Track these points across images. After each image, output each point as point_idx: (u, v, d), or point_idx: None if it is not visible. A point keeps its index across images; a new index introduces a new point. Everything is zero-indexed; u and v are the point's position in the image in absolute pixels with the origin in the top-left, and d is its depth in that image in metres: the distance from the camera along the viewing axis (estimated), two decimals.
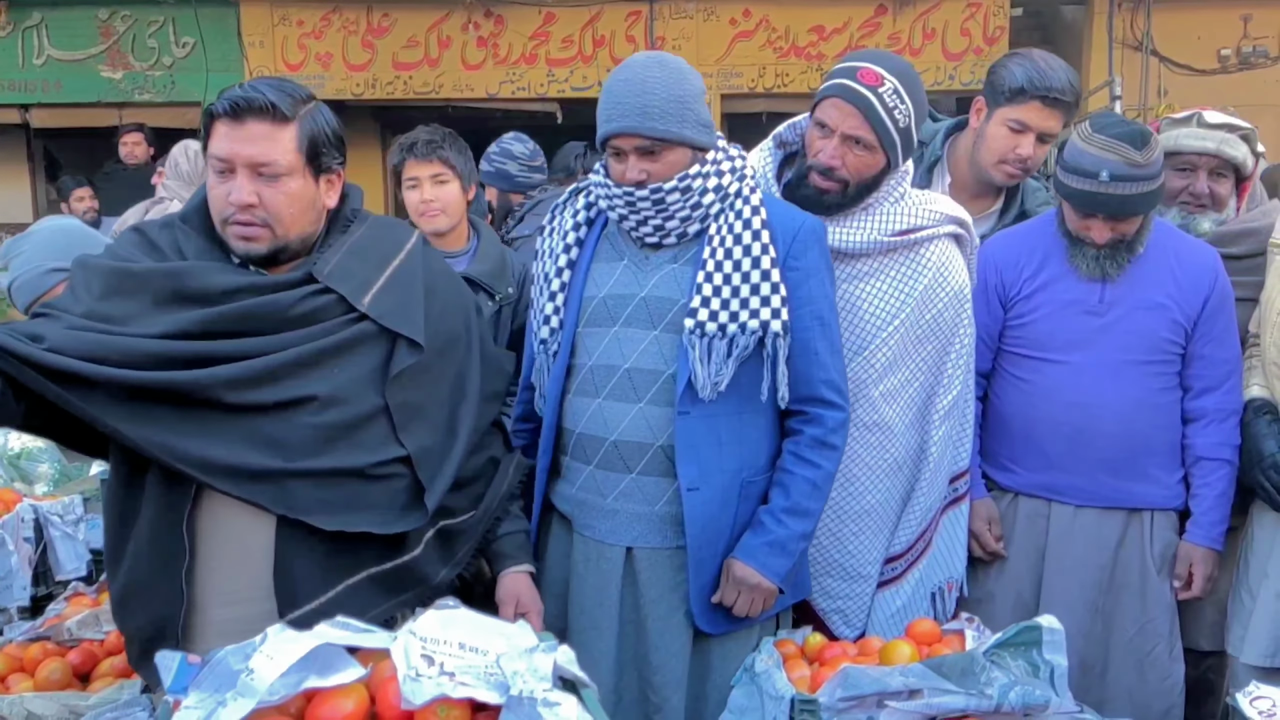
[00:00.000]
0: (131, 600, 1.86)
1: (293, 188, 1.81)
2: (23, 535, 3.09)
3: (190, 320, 1.77)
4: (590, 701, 1.36)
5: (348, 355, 1.86)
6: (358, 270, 1.89)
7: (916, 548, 2.43)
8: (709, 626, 2.13)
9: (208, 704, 1.32)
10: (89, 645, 2.35)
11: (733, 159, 2.14)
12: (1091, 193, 2.37)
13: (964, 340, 2.39)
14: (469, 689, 1.32)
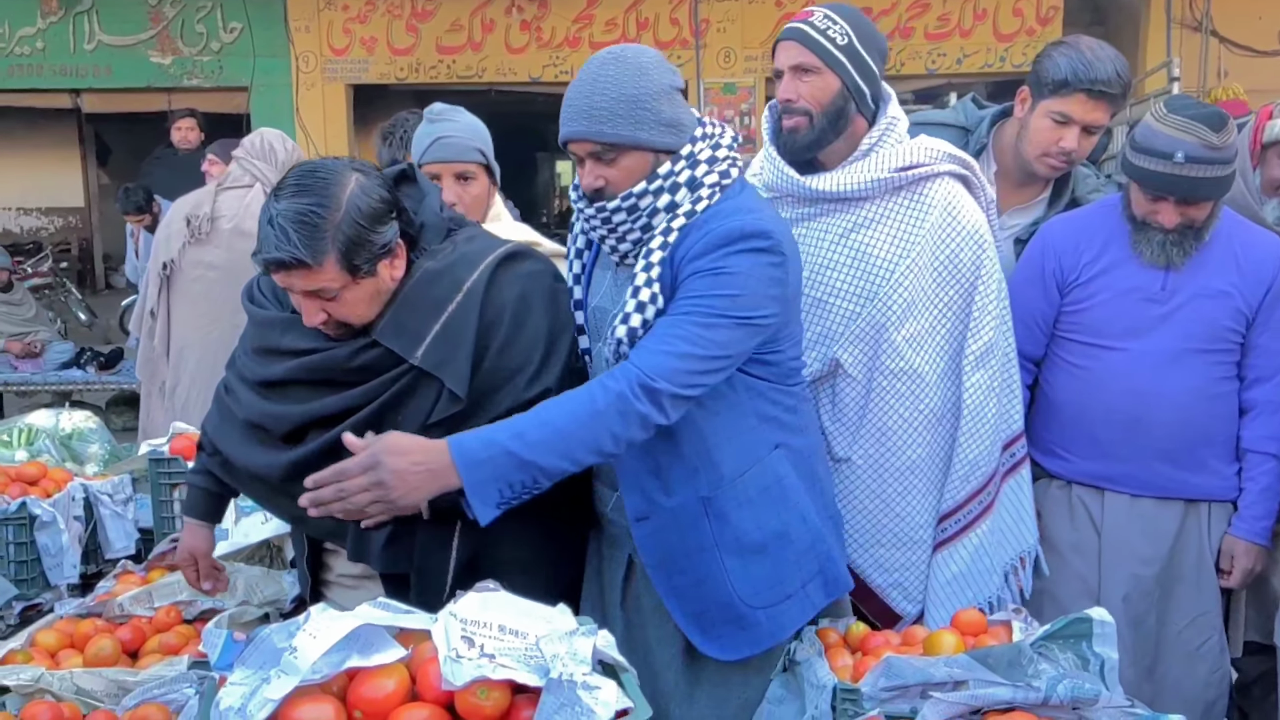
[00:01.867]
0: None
1: (353, 296, 1.88)
2: (73, 514, 3.14)
3: (276, 374, 2.01)
4: (630, 686, 1.36)
5: (410, 402, 1.93)
6: (409, 323, 1.93)
7: (970, 508, 2.34)
8: (714, 652, 2.03)
9: (252, 680, 1.33)
10: (138, 622, 2.37)
11: (696, 164, 1.93)
12: (1165, 174, 2.31)
13: (990, 285, 2.31)
14: (509, 671, 1.32)
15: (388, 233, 1.88)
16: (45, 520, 2.99)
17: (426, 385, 1.93)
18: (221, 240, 3.83)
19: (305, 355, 1.97)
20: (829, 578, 2.07)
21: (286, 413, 1.99)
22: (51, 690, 2.03)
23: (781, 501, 2.00)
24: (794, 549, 2.01)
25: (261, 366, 2.03)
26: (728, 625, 2.00)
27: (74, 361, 7.37)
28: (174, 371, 3.90)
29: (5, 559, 2.93)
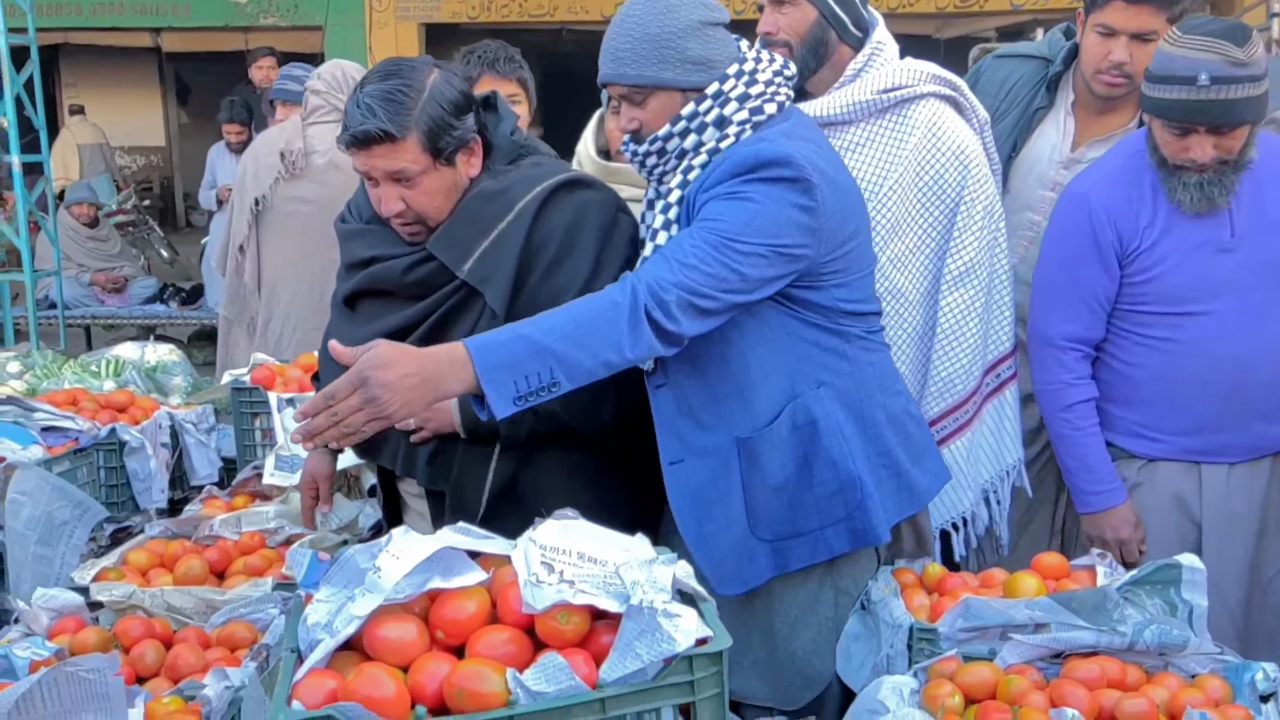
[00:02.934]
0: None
1: (431, 185, 1.92)
2: (160, 441, 3.23)
3: (349, 289, 2.10)
4: (709, 615, 1.35)
5: (460, 320, 1.98)
6: (460, 237, 1.97)
7: (943, 424, 2.36)
8: (722, 589, 1.95)
9: (337, 598, 1.35)
10: (224, 544, 2.44)
11: (725, 101, 1.86)
12: (1190, 101, 2.09)
13: (975, 205, 2.30)
14: (589, 596, 1.32)
15: (467, 122, 1.93)
16: (134, 446, 3.08)
17: (474, 302, 1.98)
18: (315, 175, 3.79)
19: (369, 265, 2.04)
20: (857, 527, 1.96)
21: (354, 333, 2.04)
22: (143, 606, 2.10)
23: (811, 443, 1.92)
24: (817, 493, 1.93)
25: (343, 284, 2.12)
26: (735, 557, 1.96)
27: (157, 297, 7.56)
28: (266, 307, 3.90)
29: (97, 483, 3.02)
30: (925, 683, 1.75)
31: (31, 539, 2.68)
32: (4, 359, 5.30)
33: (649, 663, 1.26)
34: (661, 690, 1.27)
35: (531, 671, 1.26)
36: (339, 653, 1.33)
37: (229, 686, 1.77)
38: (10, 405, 2.98)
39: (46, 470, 2.78)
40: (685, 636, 1.27)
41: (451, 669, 1.27)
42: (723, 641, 1.30)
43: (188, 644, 1.98)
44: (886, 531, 1.99)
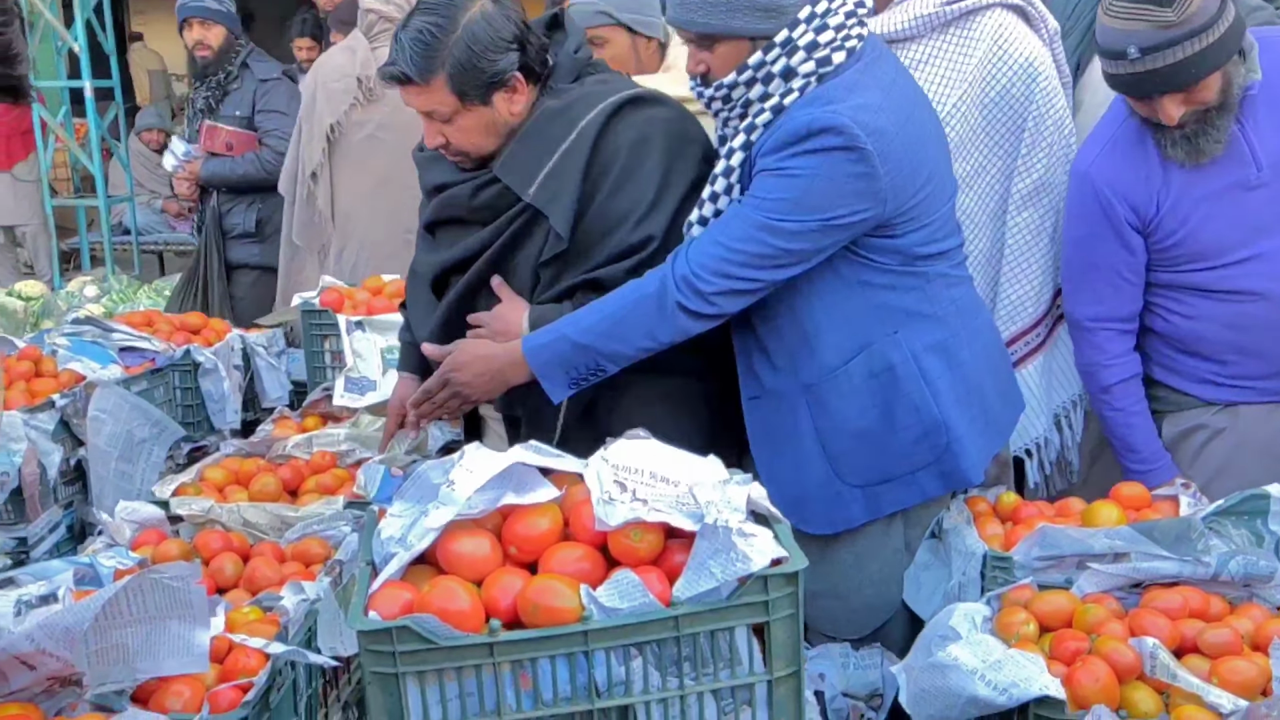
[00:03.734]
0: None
1: (466, 123, 1.94)
2: (233, 363, 3.28)
3: (426, 216, 2.13)
4: (784, 536, 1.33)
5: (526, 243, 1.99)
6: (524, 160, 1.96)
7: (1014, 349, 2.31)
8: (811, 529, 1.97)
9: (411, 512, 1.36)
10: (297, 463, 2.48)
11: (793, 50, 1.79)
12: (1126, 75, 1.97)
13: (1044, 120, 2.22)
14: (663, 515, 1.31)
15: (501, 63, 1.90)
16: (208, 368, 3.13)
17: (540, 225, 1.97)
18: (390, 99, 3.68)
19: (442, 192, 2.06)
20: (946, 470, 1.94)
21: (432, 259, 2.10)
22: (220, 521, 2.15)
23: (891, 389, 1.89)
24: (901, 438, 1.91)
25: (424, 212, 2.14)
26: (822, 501, 1.95)
27: None
28: (340, 235, 3.87)
29: (173, 403, 3.09)
30: (998, 611, 1.72)
31: (113, 456, 2.75)
32: (81, 283, 5.44)
33: (723, 582, 1.25)
34: (735, 610, 1.26)
35: (605, 588, 1.26)
36: (413, 566, 1.34)
37: (304, 599, 1.81)
38: (89, 325, 3.05)
39: (125, 389, 2.84)
40: (760, 556, 1.26)
41: (525, 584, 1.27)
42: (798, 562, 1.28)
43: (264, 558, 2.02)
44: (979, 473, 1.96)
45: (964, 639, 1.62)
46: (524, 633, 1.23)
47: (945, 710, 1.59)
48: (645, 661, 1.25)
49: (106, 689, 1.50)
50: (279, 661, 1.62)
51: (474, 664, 1.21)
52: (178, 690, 1.52)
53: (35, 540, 2.54)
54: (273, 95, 4.34)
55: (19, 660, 1.44)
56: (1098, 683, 1.49)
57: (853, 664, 2.06)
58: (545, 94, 1.99)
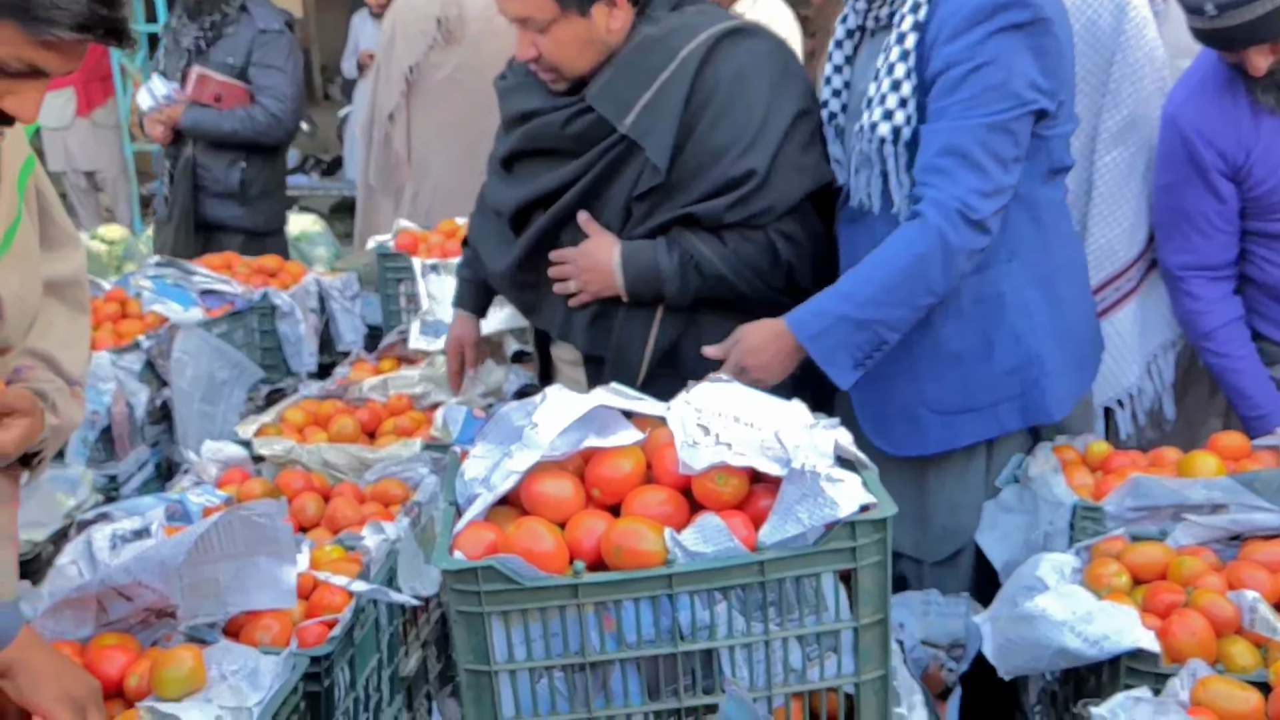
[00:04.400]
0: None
1: (562, 34, 1.87)
2: (309, 306, 3.32)
3: (508, 146, 2.05)
4: (872, 482, 1.30)
5: (620, 176, 1.94)
6: (620, 89, 1.91)
7: (1105, 295, 2.24)
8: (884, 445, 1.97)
9: (494, 454, 1.36)
10: (374, 406, 2.50)
11: None
12: (1207, 30, 1.96)
13: (1134, 53, 2.13)
14: (748, 459, 1.29)
15: None
16: (285, 310, 3.17)
17: (635, 157, 1.92)
18: (469, 40, 3.68)
19: (528, 120, 2.00)
20: (1030, 404, 1.92)
21: (513, 193, 2.04)
22: (301, 461, 2.18)
23: (995, 316, 1.87)
24: (994, 368, 1.89)
25: (502, 143, 2.09)
26: (902, 422, 1.95)
27: (298, 168, 7.73)
28: (415, 177, 3.88)
29: (252, 345, 3.14)
30: (1088, 562, 1.68)
31: (195, 396, 2.81)
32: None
33: (810, 527, 1.23)
34: (822, 556, 1.23)
35: (689, 531, 1.25)
36: (496, 507, 1.33)
37: (385, 539, 1.83)
38: (171, 268, 3.09)
39: (206, 332, 2.89)
40: (848, 502, 1.23)
41: (609, 526, 1.26)
42: (887, 509, 1.25)
43: (344, 498, 2.04)
44: (1062, 410, 1.93)
45: (1052, 590, 1.58)
46: (608, 575, 1.22)
47: (1032, 662, 1.56)
48: (730, 606, 1.24)
49: (199, 621, 1.53)
50: (362, 599, 1.65)
51: (558, 605, 1.21)
52: (266, 624, 1.55)
53: (125, 478, 2.61)
54: (271, 48, 3.85)
55: (116, 592, 1.48)
56: (1194, 636, 1.45)
57: (934, 612, 2.04)
58: (643, 20, 1.94)
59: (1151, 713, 1.34)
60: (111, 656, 1.43)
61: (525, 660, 1.22)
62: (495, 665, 1.21)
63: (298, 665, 1.46)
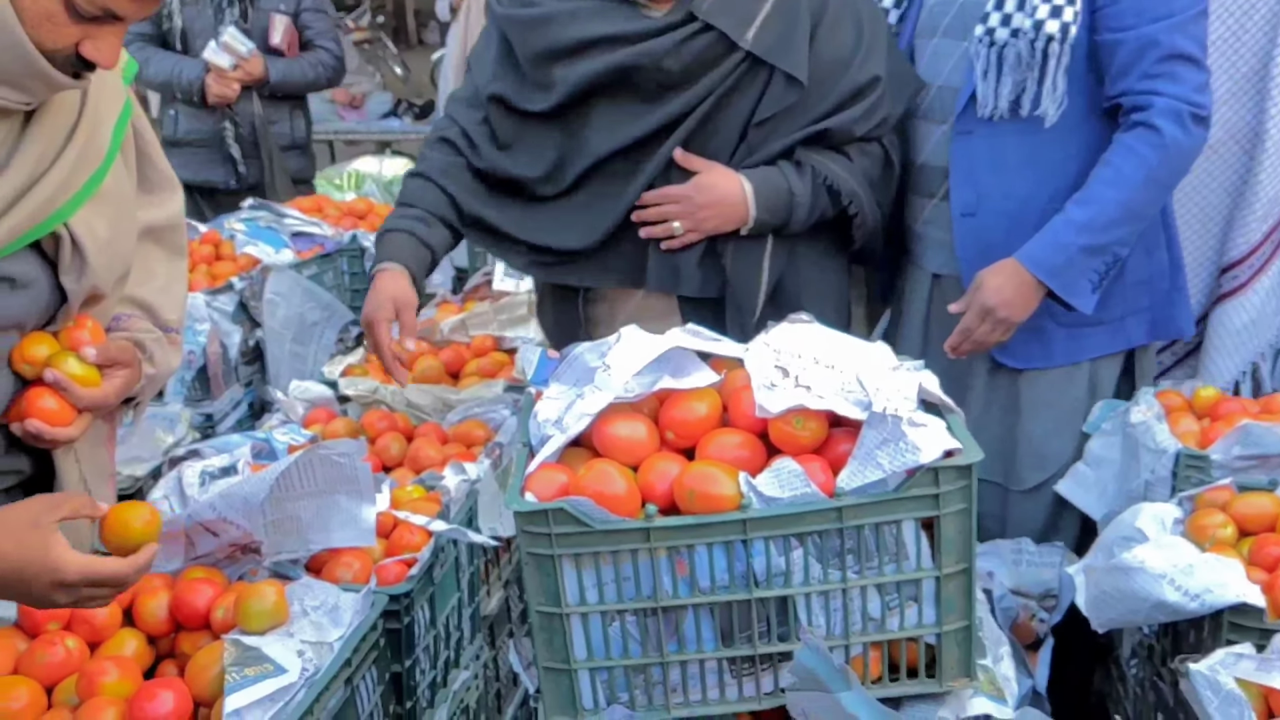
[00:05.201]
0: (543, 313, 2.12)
1: None
2: None
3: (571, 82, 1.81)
4: (957, 427, 1.25)
5: (733, 103, 1.82)
6: (738, 1, 1.78)
7: (1263, 249, 2.09)
8: (1006, 359, 1.97)
9: (567, 396, 1.34)
10: (458, 347, 2.51)
11: None
12: None
13: None
14: (827, 402, 1.24)
15: None
16: (374, 252, 3.19)
17: (750, 79, 1.81)
18: None
19: (616, 47, 1.78)
20: (1158, 318, 1.94)
21: (596, 140, 1.84)
22: (385, 401, 2.20)
23: None
24: (1124, 279, 1.88)
25: (537, 85, 1.84)
26: (1026, 333, 1.90)
27: (391, 112, 7.78)
28: None
29: (342, 287, 3.18)
30: (1191, 512, 1.60)
31: (287, 337, 2.86)
32: None
33: (890, 473, 1.18)
34: (903, 503, 1.19)
35: (765, 476, 1.21)
36: (569, 449, 1.32)
37: (466, 480, 1.83)
38: (264, 210, 3.14)
39: (297, 273, 2.93)
40: (932, 447, 1.18)
41: (682, 470, 1.23)
42: (973, 454, 1.20)
43: (427, 439, 2.06)
44: (1189, 327, 1.92)
45: (1152, 541, 1.51)
46: (680, 519, 1.19)
47: (1128, 614, 1.50)
48: (806, 553, 1.20)
49: (282, 558, 1.56)
50: (441, 539, 1.66)
51: (630, 549, 1.19)
52: (347, 562, 1.57)
53: (220, 416, 2.68)
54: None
55: (203, 527, 1.51)
56: None
57: (1025, 561, 1.98)
58: None
59: (1254, 669, 1.27)
60: (199, 590, 1.46)
61: (597, 603, 1.21)
62: (566, 608, 1.20)
63: (377, 603, 1.48)
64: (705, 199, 1.82)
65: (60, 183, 1.32)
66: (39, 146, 1.30)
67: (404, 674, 1.57)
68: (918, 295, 2.09)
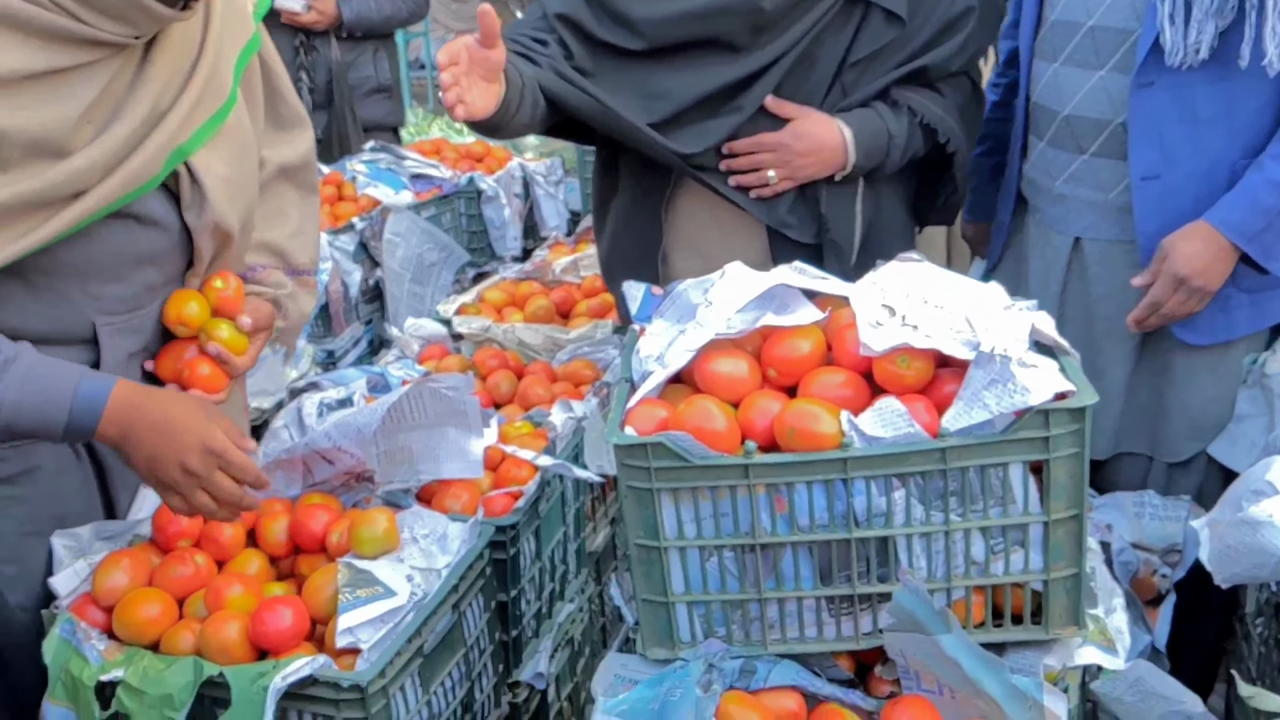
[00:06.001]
0: (615, 270, 1.99)
1: None
2: (514, 191, 3.38)
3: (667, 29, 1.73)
4: (1071, 369, 1.20)
5: (826, 43, 1.76)
6: None
7: None
8: (1187, 335, 1.82)
9: (670, 332, 1.33)
10: (569, 288, 2.54)
11: None
12: None
13: None
14: (934, 341, 1.21)
15: None
16: (490, 195, 3.24)
17: (845, 17, 1.76)
18: None
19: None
20: None
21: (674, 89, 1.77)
22: (497, 340, 2.24)
23: None
24: None
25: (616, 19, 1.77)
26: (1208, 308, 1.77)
27: None
28: None
29: (459, 229, 3.24)
30: None
31: (405, 277, 2.93)
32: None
33: (998, 414, 1.15)
34: (1011, 445, 1.15)
35: (868, 415, 1.19)
36: (670, 385, 1.32)
37: (572, 417, 1.86)
38: (384, 153, 3.21)
39: (416, 214, 3.00)
40: (1042, 388, 1.13)
41: (783, 407, 1.22)
42: (1086, 397, 1.15)
43: (536, 376, 2.09)
44: None
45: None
46: (780, 456, 1.18)
47: (1253, 570, 1.43)
48: (908, 493, 1.18)
49: (394, 486, 1.61)
50: (547, 474, 1.69)
51: (728, 485, 1.18)
52: (456, 493, 1.62)
53: (341, 353, 2.78)
54: None
55: (320, 455, 1.57)
56: None
57: (1148, 514, 1.90)
58: None
59: None
60: (316, 514, 1.52)
61: (695, 538, 1.21)
62: (665, 541, 1.21)
63: (484, 533, 1.52)
64: (803, 146, 1.77)
65: (181, 122, 1.35)
66: (157, 84, 1.32)
67: (509, 603, 1.62)
68: (1051, 261, 1.94)
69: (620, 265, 1.97)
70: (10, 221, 1.24)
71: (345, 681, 1.26)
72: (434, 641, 1.39)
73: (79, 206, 1.28)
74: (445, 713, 1.44)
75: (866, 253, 1.86)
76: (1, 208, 1.22)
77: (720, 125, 1.79)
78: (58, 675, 1.33)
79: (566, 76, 1.76)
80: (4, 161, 1.21)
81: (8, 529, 1.42)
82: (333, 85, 3.52)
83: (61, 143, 1.25)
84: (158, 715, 1.28)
